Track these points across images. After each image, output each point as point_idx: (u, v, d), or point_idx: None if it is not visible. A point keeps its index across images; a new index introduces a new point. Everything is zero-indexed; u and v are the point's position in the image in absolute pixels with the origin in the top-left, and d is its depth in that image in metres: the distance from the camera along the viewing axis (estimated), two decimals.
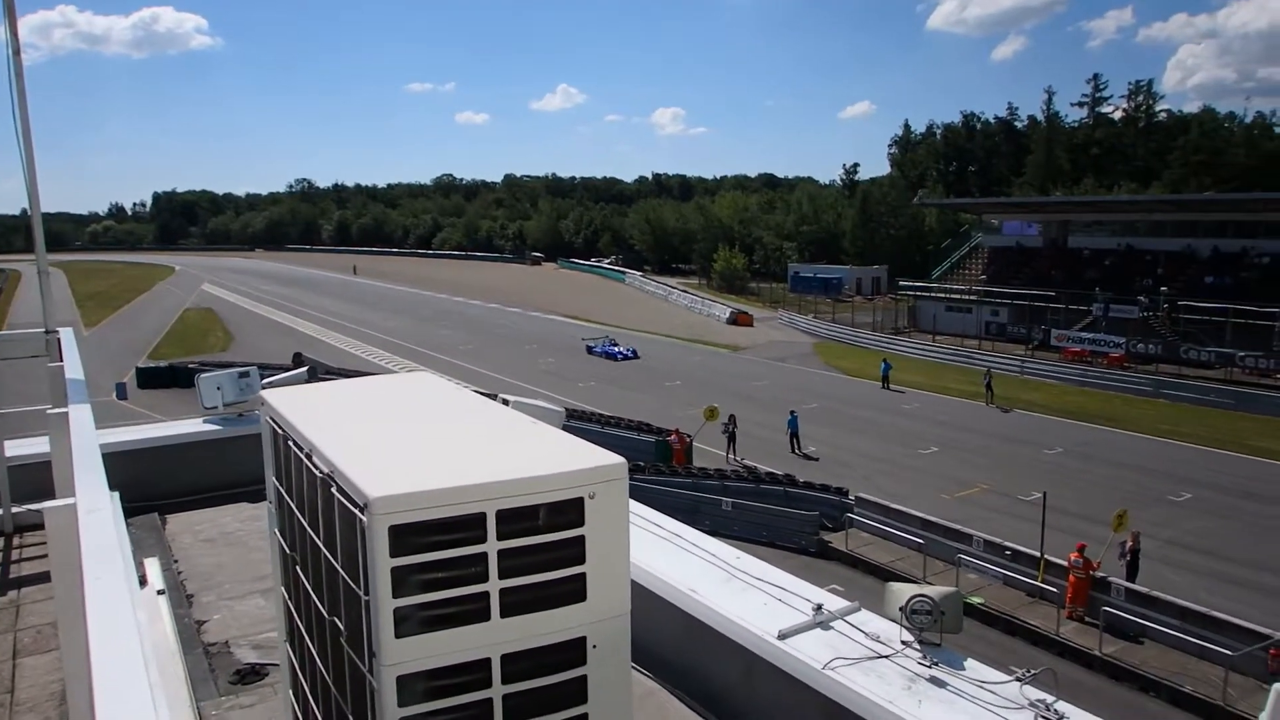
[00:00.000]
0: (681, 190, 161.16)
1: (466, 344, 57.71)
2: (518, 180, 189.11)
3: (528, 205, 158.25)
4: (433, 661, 2.63)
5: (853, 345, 58.68)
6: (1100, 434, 36.19)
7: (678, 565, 6.05)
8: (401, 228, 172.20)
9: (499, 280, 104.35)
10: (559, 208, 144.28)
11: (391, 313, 75.41)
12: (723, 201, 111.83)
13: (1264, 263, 50.59)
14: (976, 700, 4.27)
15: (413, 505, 2.57)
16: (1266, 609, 19.53)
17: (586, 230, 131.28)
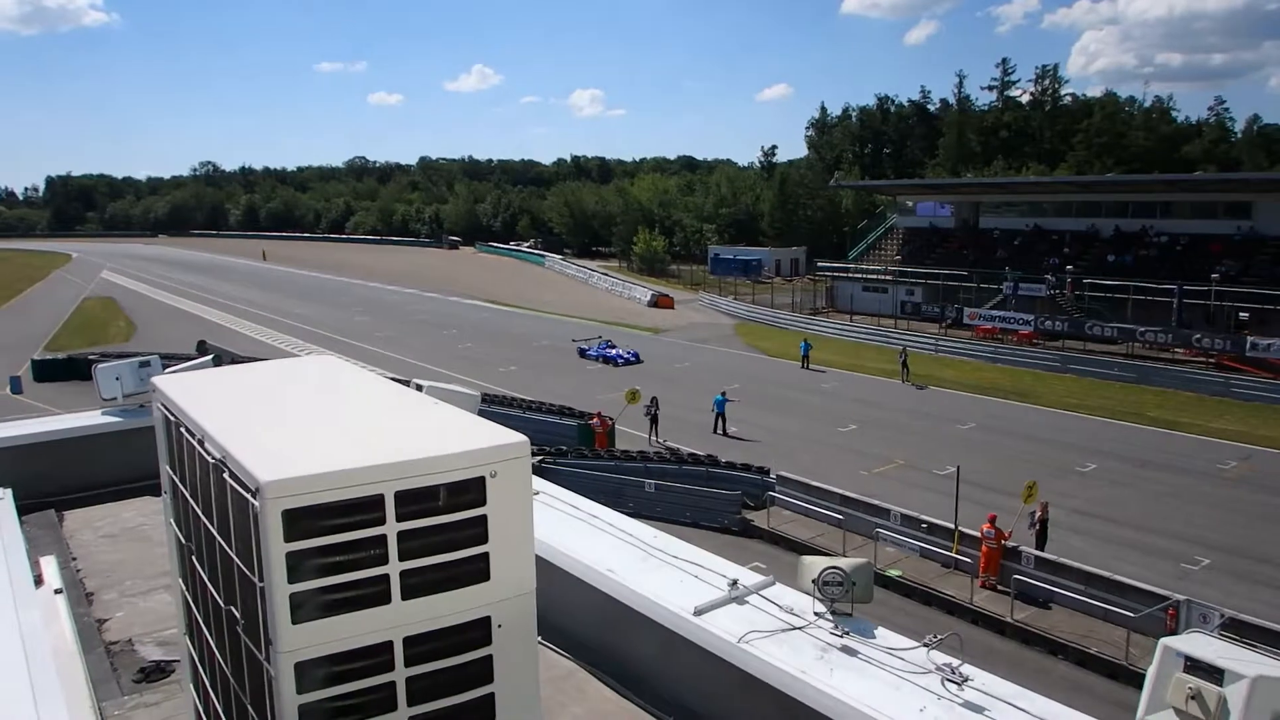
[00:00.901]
0: (601, 173, 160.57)
1: (383, 330, 56.70)
2: (433, 163, 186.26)
3: (444, 188, 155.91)
4: (332, 647, 2.53)
5: (773, 326, 59.28)
6: (1011, 409, 37.22)
7: (595, 546, 6.02)
8: (313, 212, 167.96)
9: (416, 265, 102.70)
10: (476, 191, 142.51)
11: (304, 299, 73.65)
12: (642, 184, 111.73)
13: (1162, 241, 52.55)
14: (886, 666, 4.35)
15: (307, 488, 2.44)
16: (1164, 571, 20.34)
17: (505, 214, 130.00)
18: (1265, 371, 40.67)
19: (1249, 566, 21.22)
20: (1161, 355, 44.92)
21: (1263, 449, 30.96)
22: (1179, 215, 53.12)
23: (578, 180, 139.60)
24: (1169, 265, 49.56)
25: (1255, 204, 50.12)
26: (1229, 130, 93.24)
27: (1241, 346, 42.21)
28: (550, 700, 5.49)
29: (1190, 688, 3.38)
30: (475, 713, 2.69)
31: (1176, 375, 41.66)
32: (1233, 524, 23.99)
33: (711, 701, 5.00)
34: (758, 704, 4.66)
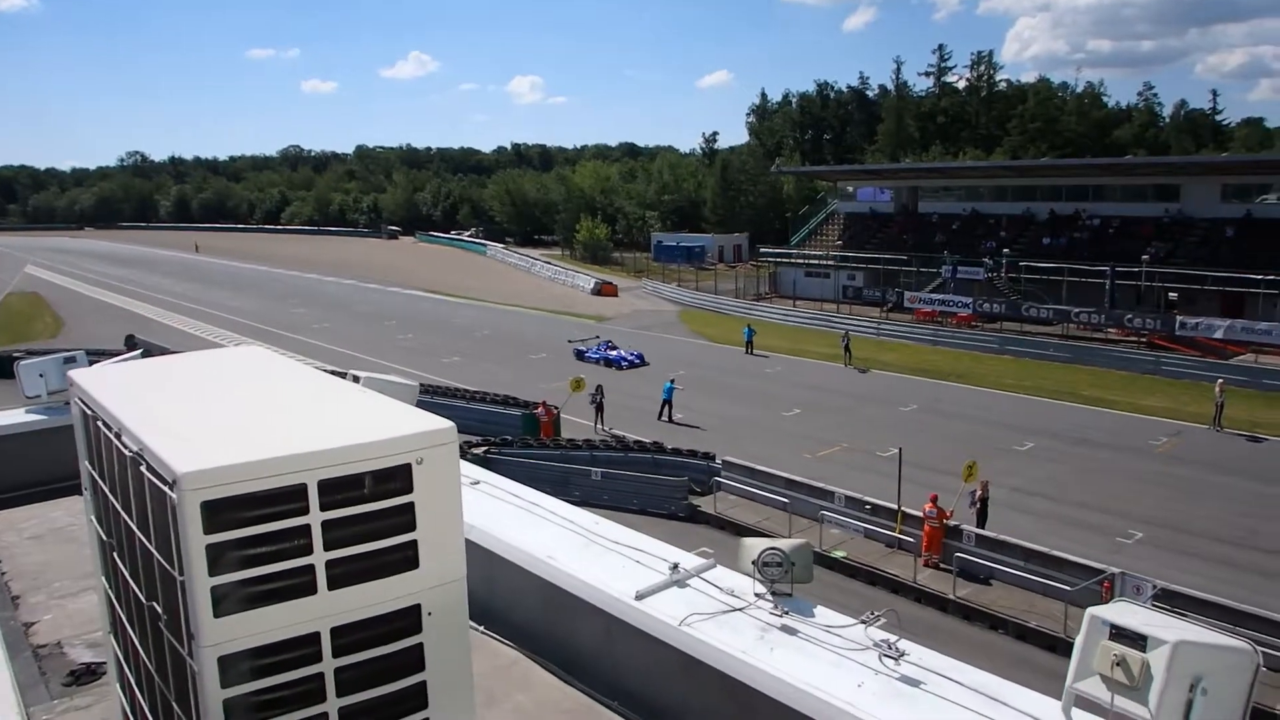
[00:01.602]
0: (542, 160, 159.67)
1: (321, 322, 55.80)
2: (370, 151, 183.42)
3: (382, 177, 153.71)
4: (256, 639, 2.47)
5: (716, 312, 59.54)
6: (951, 390, 37.86)
7: (536, 534, 6.00)
8: (247, 202, 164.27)
9: (355, 255, 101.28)
10: (415, 179, 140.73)
11: (239, 292, 72.13)
12: (584, 171, 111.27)
13: (1094, 224, 53.76)
14: (825, 644, 4.40)
15: (226, 479, 2.38)
16: (1099, 545, 20.87)
17: (445, 202, 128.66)
18: (1193, 350, 41.89)
19: (1178, 539, 21.85)
20: (1095, 336, 46.02)
21: (1191, 424, 31.89)
22: (1110, 198, 54.42)
23: (519, 168, 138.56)
24: (1101, 247, 50.74)
25: (1183, 186, 51.50)
26: (1157, 115, 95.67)
27: (1171, 326, 43.40)
28: (494, 689, 5.46)
29: (1115, 655, 3.45)
30: (407, 702, 2.65)
31: (1109, 355, 42.71)
32: (1163, 498, 24.69)
33: (654, 684, 5.01)
34: (700, 685, 4.68)
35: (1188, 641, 3.38)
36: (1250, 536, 22.05)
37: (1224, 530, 22.41)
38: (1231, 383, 34.12)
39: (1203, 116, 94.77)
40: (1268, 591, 17.93)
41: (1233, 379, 35.57)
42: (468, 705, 2.80)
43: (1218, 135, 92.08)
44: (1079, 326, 46.70)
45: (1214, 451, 29.11)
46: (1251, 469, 27.21)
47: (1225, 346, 41.76)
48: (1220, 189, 50.17)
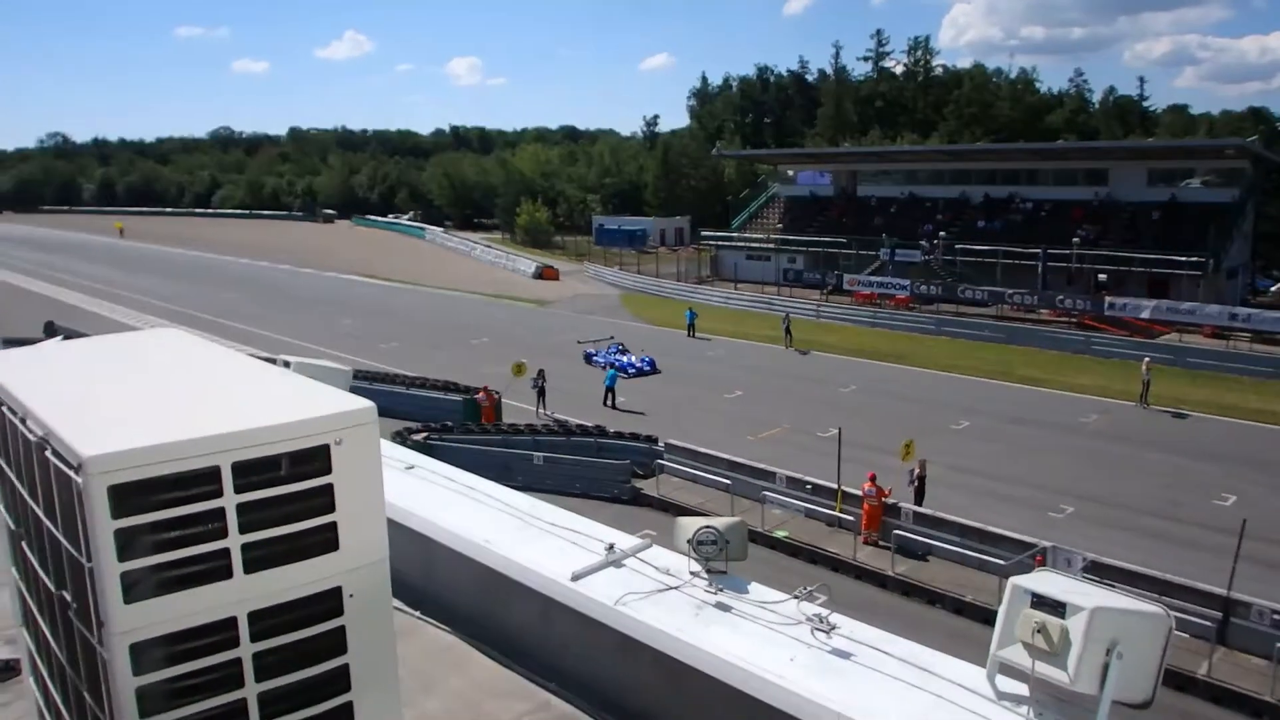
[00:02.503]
0: (481, 143, 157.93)
1: (255, 308, 54.53)
2: (304, 134, 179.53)
3: (316, 160, 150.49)
4: (170, 625, 2.40)
5: (658, 296, 59.62)
6: (889, 371, 38.42)
7: (472, 518, 5.96)
8: (176, 186, 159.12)
9: (289, 240, 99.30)
10: (351, 162, 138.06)
11: (169, 277, 70.16)
12: (524, 154, 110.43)
13: (1027, 208, 54.89)
14: (758, 620, 4.45)
15: (134, 462, 2.30)
16: (1032, 520, 21.34)
17: (382, 186, 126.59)
18: (1121, 330, 43.06)
19: (1107, 512, 22.46)
20: (1028, 317, 47.06)
21: (1119, 402, 32.78)
22: (1043, 182, 55.59)
23: (457, 151, 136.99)
24: (1034, 230, 51.83)
25: (1111, 171, 52.82)
26: (1087, 101, 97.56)
27: (1100, 307, 44.56)
28: (430, 673, 5.41)
29: (1036, 622, 3.53)
30: (330, 685, 2.61)
31: (1042, 335, 43.69)
32: (1093, 473, 25.35)
33: (590, 664, 5.02)
34: (635, 664, 4.69)
35: (1104, 607, 3.47)
36: (1174, 509, 22.77)
37: (1150, 503, 23.10)
38: (1157, 361, 35.11)
39: (1131, 103, 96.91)
40: (1190, 561, 18.50)
41: (1159, 358, 36.60)
42: (392, 687, 2.77)
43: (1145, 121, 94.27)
44: (1013, 308, 47.72)
45: (1141, 428, 29.97)
46: (1176, 444, 28.06)
47: (1151, 326, 43.00)
48: (1146, 174, 51.53)
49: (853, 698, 3.89)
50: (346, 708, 2.65)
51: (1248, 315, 42.13)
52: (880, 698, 3.88)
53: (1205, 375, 36.86)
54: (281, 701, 2.53)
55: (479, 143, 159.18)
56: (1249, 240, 51.85)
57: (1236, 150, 48.92)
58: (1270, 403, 32.90)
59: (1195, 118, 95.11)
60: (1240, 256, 50.70)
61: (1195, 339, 41.37)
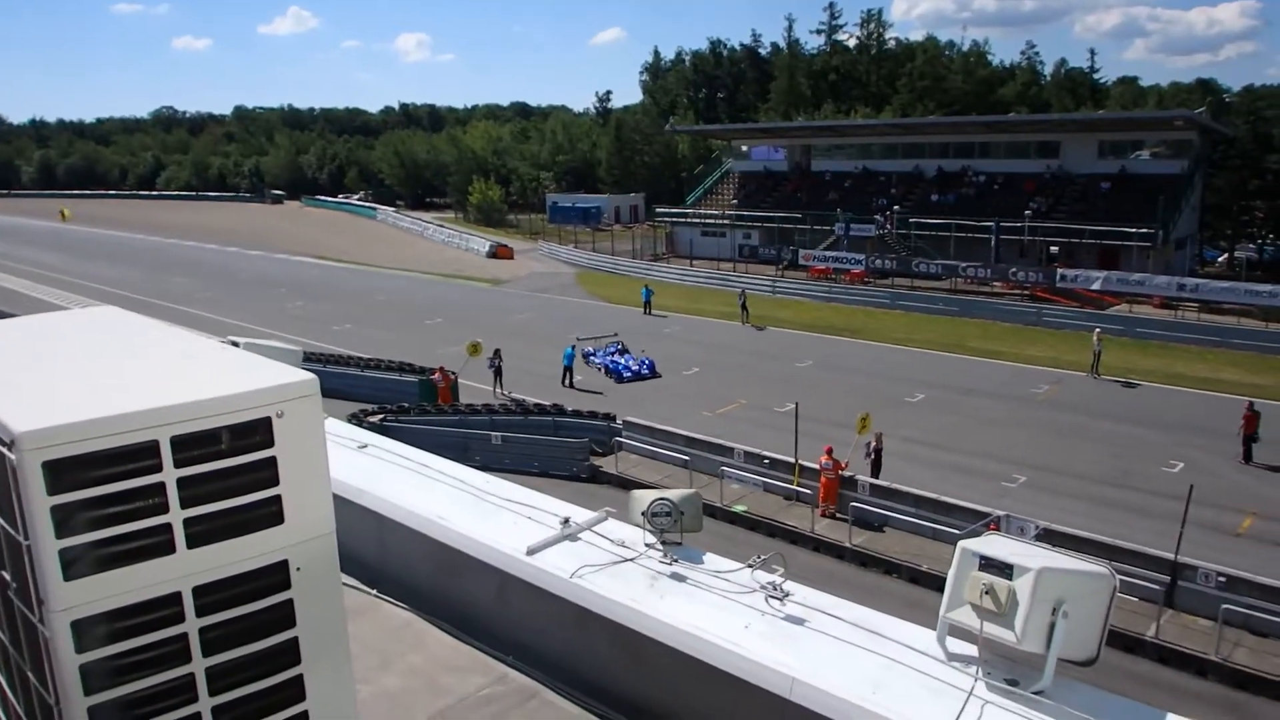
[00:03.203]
0: (431, 121, 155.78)
1: (205, 292, 53.46)
2: (250, 113, 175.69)
3: (263, 140, 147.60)
4: (112, 602, 2.36)
5: (614, 273, 59.48)
6: (845, 345, 38.71)
7: (427, 495, 5.94)
8: (118, 167, 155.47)
9: (237, 222, 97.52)
10: (298, 142, 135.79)
11: (114, 262, 68.47)
12: (475, 132, 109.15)
13: (980, 181, 55.43)
14: (713, 589, 4.49)
15: (70, 438, 2.25)
16: (986, 490, 21.69)
17: (331, 165, 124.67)
18: (1073, 301, 43.75)
19: (1059, 481, 22.87)
20: (981, 289, 47.62)
21: (1069, 372, 33.34)
22: (995, 155, 56.13)
23: (407, 129, 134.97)
24: (987, 203, 52.38)
25: (1062, 144, 53.44)
26: (1039, 74, 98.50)
27: (1052, 278, 45.22)
28: (388, 650, 5.40)
29: (984, 584, 3.59)
30: (279, 658, 2.58)
31: (995, 308, 44.26)
32: (1045, 443, 25.79)
33: (547, 637, 5.03)
34: (592, 635, 4.71)
35: (1050, 568, 3.53)
36: (1124, 476, 23.24)
37: (1100, 471, 23.55)
38: (1108, 332, 35.71)
39: (1081, 75, 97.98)
40: (1139, 527, 18.93)
41: (1109, 328, 37.24)
42: (343, 659, 2.74)
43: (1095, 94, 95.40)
44: (966, 281, 48.25)
45: (1091, 398, 30.51)
46: (1126, 413, 28.61)
47: (1102, 297, 43.74)
48: (1097, 146, 52.21)
49: (806, 662, 3.94)
50: (297, 680, 2.63)
51: (1196, 285, 42.99)
52: (833, 662, 3.93)
53: (1154, 345, 37.60)
54: (230, 675, 2.50)
55: (429, 120, 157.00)
56: (1197, 211, 52.84)
57: (1184, 122, 49.71)
58: (1217, 371, 33.67)
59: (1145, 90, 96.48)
60: (1188, 227, 51.67)
61: (1145, 309, 42.15)
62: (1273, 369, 33.86)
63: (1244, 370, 33.58)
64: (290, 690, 2.61)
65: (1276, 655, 14.86)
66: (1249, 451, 24.01)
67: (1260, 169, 49.12)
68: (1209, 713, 14.16)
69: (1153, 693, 14.17)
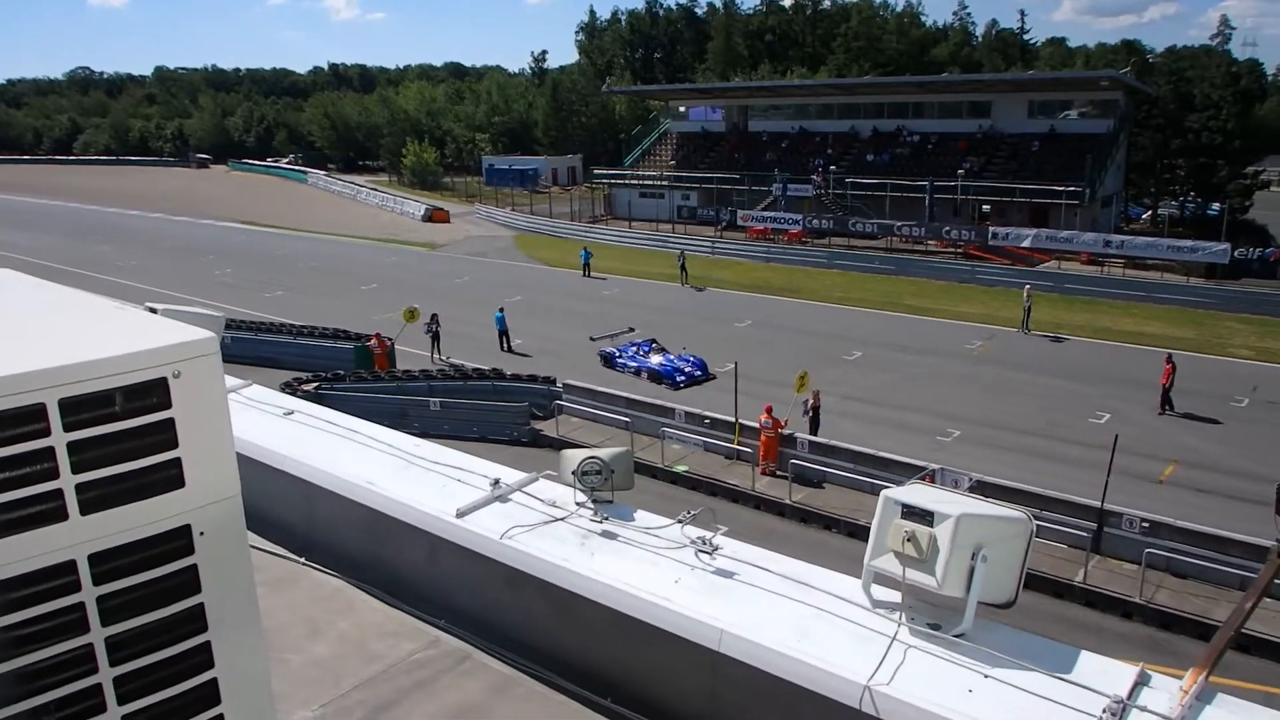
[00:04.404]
0: (363, 81, 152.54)
1: (128, 259, 51.80)
2: (171, 73, 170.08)
3: (186, 102, 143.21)
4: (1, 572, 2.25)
5: (552, 236, 59.06)
6: (784, 305, 39.01)
7: (355, 461, 5.84)
8: (32, 131, 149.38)
9: (162, 187, 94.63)
10: (224, 103, 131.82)
11: (29, 229, 65.89)
12: (408, 93, 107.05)
13: (914, 141, 55.94)
14: (644, 546, 4.48)
15: None
16: (922, 444, 22.11)
17: (258, 128, 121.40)
18: (1004, 258, 44.54)
19: (991, 434, 23.40)
20: (916, 248, 48.26)
21: (1002, 328, 34.02)
22: (929, 115, 56.65)
23: (338, 90, 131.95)
24: (921, 163, 52.95)
25: (994, 104, 54.10)
26: (971, 34, 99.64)
27: (984, 236, 45.95)
28: (317, 619, 5.32)
29: (906, 531, 3.63)
30: (185, 625, 2.50)
31: (930, 266, 44.91)
32: (978, 398, 26.33)
33: (478, 599, 5.00)
34: (523, 595, 4.69)
35: (969, 514, 3.58)
36: (1053, 428, 23.85)
37: (1031, 424, 24.15)
38: (1038, 288, 36.48)
39: (1012, 36, 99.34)
40: (1068, 476, 19.45)
41: (1039, 285, 38.04)
42: (253, 624, 2.66)
43: (1025, 54, 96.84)
44: (902, 239, 48.83)
45: (1022, 352, 31.20)
46: (1054, 367, 29.31)
47: (1032, 254, 44.58)
48: (1027, 105, 52.95)
49: (735, 614, 3.96)
50: (204, 647, 2.54)
51: (1121, 242, 43.99)
52: (761, 612, 3.96)
53: (1082, 300, 38.53)
54: (132, 644, 2.41)
55: (360, 81, 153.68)
56: (1122, 170, 54.00)
57: (1110, 82, 50.64)
58: (1141, 325, 34.63)
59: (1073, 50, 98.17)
60: (1114, 186, 52.82)
61: (1073, 266, 43.12)
62: (1194, 322, 34.97)
63: (1167, 324, 34.60)
64: (198, 657, 2.53)
65: (1196, 596, 15.44)
66: (1168, 402, 24.77)
67: (1182, 128, 50.28)
68: (1133, 652, 14.68)
69: (1081, 635, 14.63)
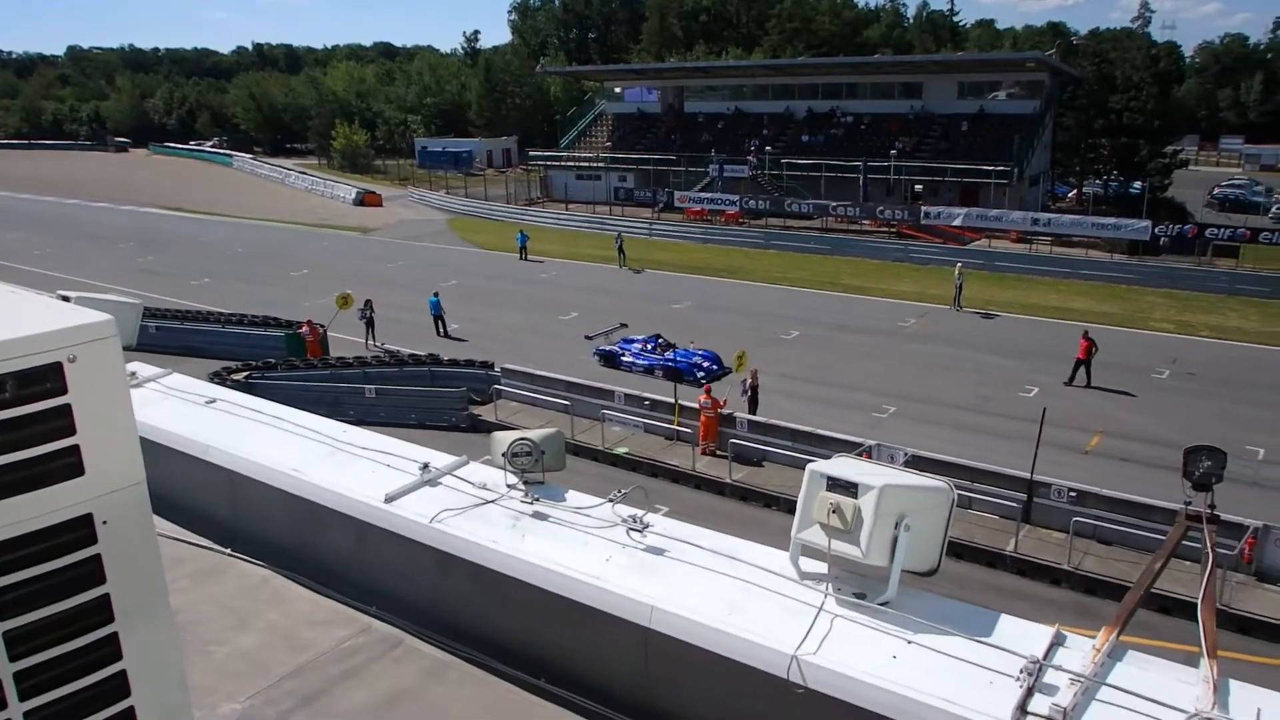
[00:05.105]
0: (289, 62, 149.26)
1: (43, 247, 49.82)
2: (86, 53, 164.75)
3: (102, 83, 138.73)
4: None
5: (488, 219, 58.56)
6: (722, 286, 39.20)
7: (280, 448, 5.73)
8: None
9: (79, 172, 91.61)
10: (142, 85, 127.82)
11: None
12: (336, 74, 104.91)
13: (848, 121, 56.45)
14: (575, 526, 4.48)
15: None
16: (859, 421, 22.42)
17: (180, 110, 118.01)
18: (936, 237, 45.27)
19: (926, 409, 23.80)
20: (851, 228, 48.80)
21: (935, 306, 34.62)
22: (862, 96, 57.21)
23: (263, 71, 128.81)
24: (855, 143, 53.46)
25: (925, 85, 54.84)
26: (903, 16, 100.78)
27: (917, 216, 46.62)
28: (243, 610, 5.21)
29: (831, 503, 3.67)
30: (90, 616, 2.42)
31: (864, 245, 45.46)
32: (912, 374, 26.76)
33: (409, 584, 4.96)
34: (454, 579, 4.66)
35: (891, 485, 3.63)
36: (985, 403, 24.35)
37: (963, 399, 24.63)
38: (969, 266, 37.18)
39: (942, 17, 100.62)
40: (1000, 449, 19.87)
41: (970, 263, 38.79)
42: (163, 615, 2.59)
43: (955, 36, 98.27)
44: (837, 219, 49.33)
45: (954, 329, 31.78)
46: (986, 343, 29.92)
47: (963, 233, 45.38)
48: (957, 87, 53.75)
49: (666, 591, 3.97)
50: (111, 639, 2.47)
51: (1048, 220, 44.97)
52: (692, 588, 3.97)
53: (1011, 278, 39.35)
54: (35, 638, 2.33)
55: (286, 62, 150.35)
56: (1048, 149, 55.13)
57: (1036, 63, 51.64)
58: (1067, 300, 35.49)
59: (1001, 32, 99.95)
60: (1041, 165, 53.92)
61: (1002, 244, 43.97)
62: (1118, 297, 35.96)
63: (1092, 299, 35.53)
64: (104, 649, 2.45)
65: (1120, 561, 15.91)
66: (1077, 375, 25.46)
67: (1105, 109, 51.45)
68: (1062, 617, 14.97)
69: (1012, 603, 14.99)
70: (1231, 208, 52.95)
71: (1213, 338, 30.63)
